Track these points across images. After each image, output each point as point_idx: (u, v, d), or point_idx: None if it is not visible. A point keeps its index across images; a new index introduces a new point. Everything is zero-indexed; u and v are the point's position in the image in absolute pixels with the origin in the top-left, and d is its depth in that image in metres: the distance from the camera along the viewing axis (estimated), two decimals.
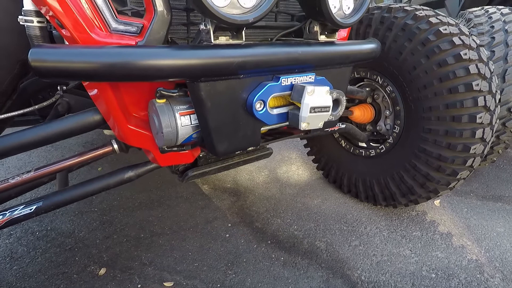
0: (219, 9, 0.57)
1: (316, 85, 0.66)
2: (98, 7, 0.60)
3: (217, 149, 0.70)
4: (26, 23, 0.67)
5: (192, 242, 1.36)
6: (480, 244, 1.34)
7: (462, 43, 1.13)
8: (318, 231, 1.42)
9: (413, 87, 1.24)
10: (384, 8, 1.29)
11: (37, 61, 0.54)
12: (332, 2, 0.74)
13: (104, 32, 0.61)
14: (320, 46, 0.75)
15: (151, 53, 0.57)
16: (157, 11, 0.62)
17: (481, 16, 1.55)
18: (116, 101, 0.69)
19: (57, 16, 0.57)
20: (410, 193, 1.36)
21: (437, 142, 1.20)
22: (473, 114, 1.13)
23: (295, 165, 2.05)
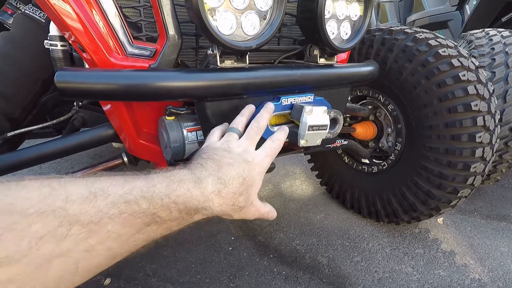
0: (225, 37, 0.63)
1: (314, 105, 0.71)
2: (117, 33, 0.66)
3: None
4: (51, 47, 0.74)
5: (196, 254, 1.38)
6: (484, 264, 1.33)
7: (461, 64, 1.17)
8: (320, 246, 1.44)
9: (413, 106, 1.27)
10: (385, 30, 1.34)
11: (62, 83, 0.60)
12: (330, 29, 0.79)
13: (121, 56, 0.67)
14: (319, 69, 0.81)
15: (163, 76, 0.62)
16: (169, 37, 0.68)
17: (482, 38, 1.59)
18: (129, 117, 0.75)
19: (79, 41, 0.64)
20: (412, 210, 1.37)
21: (438, 160, 1.23)
22: (472, 134, 1.16)
23: (299, 180, 2.07)
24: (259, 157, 0.59)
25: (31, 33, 0.84)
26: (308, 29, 0.78)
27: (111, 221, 0.40)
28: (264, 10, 0.68)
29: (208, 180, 0.51)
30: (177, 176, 0.49)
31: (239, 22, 0.66)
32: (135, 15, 0.70)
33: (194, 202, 0.49)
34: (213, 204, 0.51)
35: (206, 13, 0.59)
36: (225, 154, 0.56)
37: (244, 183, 0.55)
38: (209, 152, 0.56)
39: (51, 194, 0.37)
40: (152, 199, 0.44)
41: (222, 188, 0.52)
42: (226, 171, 0.53)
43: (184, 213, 0.48)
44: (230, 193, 0.52)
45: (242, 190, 0.54)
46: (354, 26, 0.87)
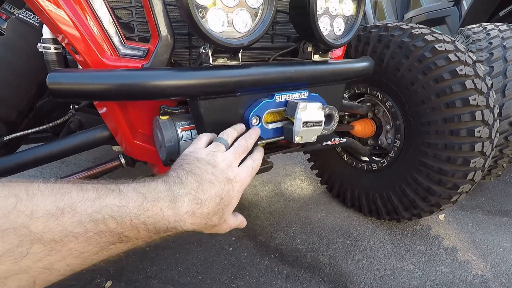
0: (216, 35, 0.63)
1: (308, 101, 0.71)
2: (109, 34, 0.67)
3: None
4: (45, 50, 0.74)
5: (197, 255, 1.38)
6: (486, 259, 1.32)
7: (458, 59, 1.17)
8: (321, 245, 1.43)
9: (411, 102, 1.27)
10: (381, 27, 1.34)
11: (53, 84, 0.60)
12: (323, 25, 0.79)
13: (114, 57, 0.67)
14: (312, 66, 0.80)
15: (154, 75, 0.62)
16: (161, 37, 0.68)
17: (479, 32, 1.58)
18: (123, 118, 0.75)
19: (72, 43, 0.64)
20: (412, 207, 1.36)
21: (437, 155, 1.22)
22: (471, 128, 1.15)
23: (299, 180, 2.07)
24: (241, 175, 0.58)
25: (25, 37, 0.85)
26: (301, 26, 0.78)
27: (75, 240, 0.39)
28: (255, 7, 0.68)
29: (184, 200, 0.50)
30: (153, 194, 0.48)
31: (230, 19, 0.66)
32: (127, 15, 0.70)
33: (165, 222, 0.48)
34: (185, 224, 0.50)
35: (196, 11, 0.59)
36: (208, 168, 0.55)
37: (221, 203, 0.54)
38: (192, 164, 0.55)
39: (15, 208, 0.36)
40: (121, 219, 0.43)
41: (197, 209, 0.51)
42: (205, 189, 0.52)
43: (152, 233, 0.47)
44: (204, 213, 0.52)
45: (218, 210, 0.54)
46: (348, 22, 0.87)
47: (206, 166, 0.55)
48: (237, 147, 0.62)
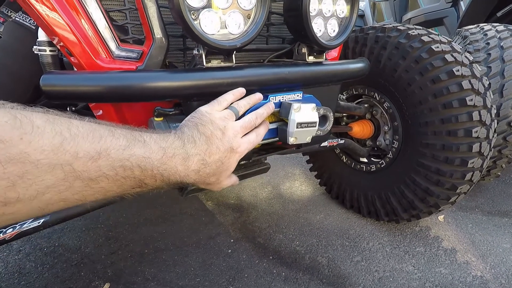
0: (209, 37, 0.63)
1: (303, 103, 0.71)
2: (103, 37, 0.67)
3: None
4: (40, 52, 0.74)
5: (195, 257, 1.38)
6: (485, 261, 1.31)
7: (455, 60, 1.17)
8: (320, 247, 1.43)
9: (409, 103, 1.27)
10: (378, 28, 1.34)
11: (47, 86, 0.61)
12: (316, 26, 0.79)
13: (108, 59, 0.68)
14: (307, 67, 0.80)
15: (147, 76, 0.63)
16: (155, 39, 0.68)
17: (477, 33, 1.58)
18: (118, 120, 0.75)
19: (66, 45, 0.64)
20: (411, 208, 1.36)
21: (435, 156, 1.22)
22: (468, 129, 1.15)
23: (298, 181, 2.07)
24: (242, 147, 0.65)
25: (21, 40, 0.85)
26: (295, 28, 0.78)
27: (106, 180, 0.46)
28: (248, 9, 0.68)
29: (194, 159, 0.58)
30: (171, 150, 0.55)
31: (223, 21, 0.67)
32: (121, 18, 0.71)
33: (176, 176, 0.56)
34: (189, 179, 0.58)
35: (188, 13, 0.59)
36: (218, 133, 0.61)
37: (220, 167, 0.62)
38: (206, 126, 0.61)
39: (62, 146, 0.40)
40: (144, 169, 0.50)
41: (202, 168, 0.59)
42: (212, 153, 0.60)
43: (164, 183, 0.55)
44: (206, 173, 0.60)
45: (216, 172, 0.62)
46: (342, 23, 0.87)
47: (217, 131, 0.62)
48: (246, 122, 0.67)
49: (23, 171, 0.37)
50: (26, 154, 0.37)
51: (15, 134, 0.36)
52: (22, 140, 0.37)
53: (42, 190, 0.39)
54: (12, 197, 0.37)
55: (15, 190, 0.37)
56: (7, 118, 0.37)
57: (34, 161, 0.38)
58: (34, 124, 0.38)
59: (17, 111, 0.39)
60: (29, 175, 0.38)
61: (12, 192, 0.37)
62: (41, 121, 0.40)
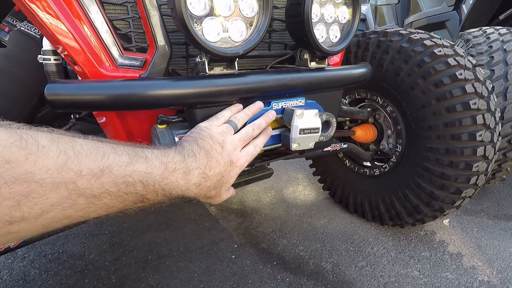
0: (212, 44, 0.64)
1: (305, 109, 0.71)
2: (107, 45, 0.68)
3: None
4: (45, 61, 0.75)
5: (199, 263, 1.38)
6: (492, 265, 1.30)
7: (457, 63, 1.16)
8: (324, 252, 1.42)
9: (412, 107, 1.26)
10: (380, 32, 1.34)
11: (51, 95, 0.61)
12: (318, 32, 0.80)
13: (112, 67, 0.68)
14: (309, 73, 0.81)
15: (150, 85, 0.63)
16: (159, 47, 0.69)
17: (479, 36, 1.58)
18: (122, 127, 0.76)
19: (70, 54, 0.65)
20: (416, 212, 1.35)
21: (439, 160, 1.21)
22: (472, 132, 1.14)
23: (301, 186, 2.06)
24: (242, 160, 0.67)
25: (26, 49, 0.86)
26: (297, 34, 0.78)
27: (109, 196, 0.47)
28: (250, 16, 0.69)
29: (194, 173, 0.59)
30: (172, 165, 0.55)
31: (225, 29, 0.67)
32: (125, 26, 0.71)
33: (178, 190, 0.57)
34: (190, 193, 0.59)
35: (191, 21, 0.60)
36: (218, 148, 0.63)
37: (221, 180, 0.63)
38: (205, 140, 0.62)
39: (66, 164, 0.41)
40: (146, 184, 0.51)
41: (203, 182, 0.60)
42: (212, 166, 0.61)
43: (166, 197, 0.56)
44: (206, 186, 0.61)
45: (217, 185, 0.63)
46: (344, 29, 0.87)
47: (216, 145, 0.63)
48: (244, 134, 0.69)
49: (28, 191, 0.38)
50: (32, 173, 0.38)
51: (21, 154, 0.37)
52: (28, 160, 0.38)
53: (46, 208, 0.40)
54: (17, 216, 0.37)
55: (20, 209, 0.38)
56: (13, 139, 0.37)
57: (39, 180, 0.38)
58: (39, 144, 0.39)
59: (23, 131, 0.39)
60: (34, 194, 0.38)
61: (17, 211, 0.37)
62: (46, 140, 0.40)
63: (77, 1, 0.65)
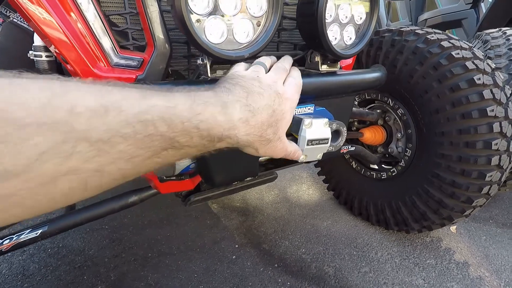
0: (214, 46, 0.59)
1: (314, 117, 0.66)
2: (101, 43, 0.63)
3: (214, 180, 0.70)
4: (36, 58, 0.70)
5: (199, 263, 1.35)
6: (500, 276, 1.26)
7: (476, 67, 1.10)
8: (326, 255, 1.39)
9: (425, 111, 1.21)
10: (395, 31, 1.28)
11: None
12: (332, 34, 0.74)
13: (106, 67, 0.64)
14: (319, 77, 0.75)
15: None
16: (157, 45, 0.64)
17: (499, 38, 1.50)
18: None
19: (61, 52, 0.60)
20: (423, 219, 1.31)
21: (450, 168, 1.16)
22: (488, 141, 1.09)
23: (305, 185, 2.02)
24: (289, 91, 0.56)
25: (18, 41, 0.81)
26: (308, 34, 0.73)
27: (124, 141, 0.36)
28: (258, 16, 0.63)
29: (235, 106, 0.46)
30: (202, 98, 0.43)
31: (230, 29, 0.62)
32: (121, 22, 0.66)
33: (219, 129, 0.44)
34: (239, 133, 0.46)
35: (192, 21, 0.55)
36: (255, 82, 0.52)
37: (274, 115, 0.51)
38: (236, 79, 0.51)
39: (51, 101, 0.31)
40: (172, 122, 0.39)
41: (251, 117, 0.47)
42: (255, 99, 0.49)
43: (206, 140, 0.43)
44: (258, 123, 0.48)
45: (272, 122, 0.50)
46: (359, 30, 0.81)
47: (252, 80, 0.52)
48: (277, 68, 0.60)
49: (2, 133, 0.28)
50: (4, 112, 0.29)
51: None
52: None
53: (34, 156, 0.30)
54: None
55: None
56: None
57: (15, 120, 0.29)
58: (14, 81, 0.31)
59: None
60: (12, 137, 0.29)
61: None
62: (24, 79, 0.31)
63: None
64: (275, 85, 0.53)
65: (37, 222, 0.85)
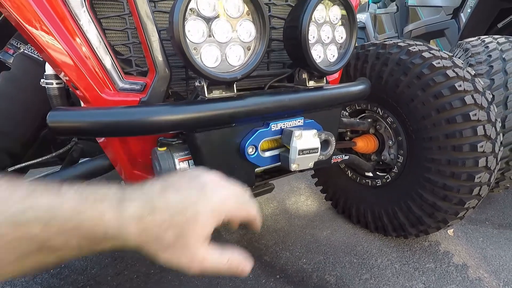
0: (209, 70, 0.65)
1: (304, 129, 0.71)
2: (107, 70, 0.69)
3: None
4: (47, 85, 0.77)
5: (201, 277, 1.37)
6: (498, 277, 1.28)
7: (456, 75, 1.16)
8: (327, 264, 1.41)
9: (412, 118, 1.26)
10: (378, 44, 1.35)
11: (54, 122, 0.63)
12: (316, 53, 0.81)
13: (112, 91, 0.70)
14: (307, 93, 0.81)
15: (150, 111, 0.64)
16: (159, 71, 0.70)
17: (478, 45, 1.58)
18: (122, 150, 0.77)
19: (71, 80, 0.66)
20: (419, 223, 1.34)
21: (440, 171, 1.21)
22: (473, 143, 1.14)
23: (303, 196, 2.05)
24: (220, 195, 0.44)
25: (30, 71, 0.88)
26: (294, 55, 0.79)
27: None
28: (247, 41, 0.70)
29: (134, 203, 0.39)
30: (98, 195, 0.38)
31: (223, 54, 0.68)
32: (126, 51, 0.73)
33: (101, 228, 0.37)
34: (128, 233, 0.38)
35: (189, 49, 0.61)
36: (185, 178, 0.44)
37: (181, 214, 0.40)
38: (172, 175, 0.45)
39: None
40: (47, 223, 0.35)
41: (147, 215, 0.38)
42: (167, 196, 0.41)
43: (86, 241, 0.37)
44: (156, 221, 0.39)
45: (176, 222, 0.40)
46: (341, 48, 0.88)
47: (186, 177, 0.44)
48: None
49: None
50: None
51: None
52: None
53: None
54: None
55: None
56: None
57: None
58: None
59: None
60: None
61: None
62: None
63: (78, 27, 0.67)
64: (209, 184, 0.44)
65: None
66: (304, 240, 1.58)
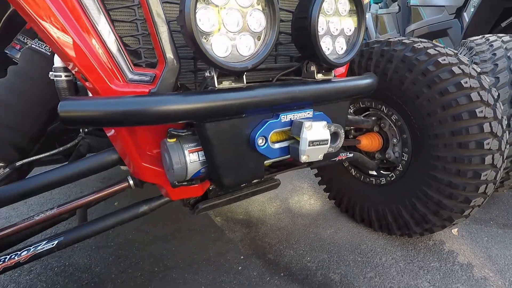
0: (220, 59, 0.65)
1: (314, 120, 0.71)
2: (117, 62, 0.69)
3: (224, 183, 0.75)
4: (56, 78, 0.77)
5: (205, 275, 1.36)
6: (504, 276, 1.28)
7: (462, 72, 1.17)
8: (331, 263, 1.40)
9: (417, 115, 1.26)
10: (383, 42, 1.35)
11: (65, 112, 0.62)
12: (325, 45, 0.81)
13: (122, 83, 0.70)
14: (316, 85, 0.81)
15: (160, 100, 0.64)
16: (168, 62, 0.70)
17: (482, 44, 1.58)
18: (131, 141, 0.76)
19: (82, 71, 0.66)
20: (424, 222, 1.34)
21: (446, 169, 1.20)
22: (480, 141, 1.14)
23: (307, 195, 2.05)
24: None
25: (37, 65, 0.88)
26: (303, 47, 0.79)
27: None
28: (258, 31, 0.70)
29: None
30: None
31: (234, 44, 0.68)
32: (135, 43, 0.73)
33: None
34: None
35: (200, 38, 0.61)
36: None
37: None
38: None
39: None
40: None
41: None
42: None
43: None
44: None
45: None
46: (349, 41, 0.88)
47: None
48: None
49: None
50: None
51: None
52: None
53: None
54: None
55: None
56: None
57: None
58: None
59: None
60: None
61: None
62: None
63: (88, 20, 0.67)
64: None
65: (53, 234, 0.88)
66: (307, 238, 1.58)
